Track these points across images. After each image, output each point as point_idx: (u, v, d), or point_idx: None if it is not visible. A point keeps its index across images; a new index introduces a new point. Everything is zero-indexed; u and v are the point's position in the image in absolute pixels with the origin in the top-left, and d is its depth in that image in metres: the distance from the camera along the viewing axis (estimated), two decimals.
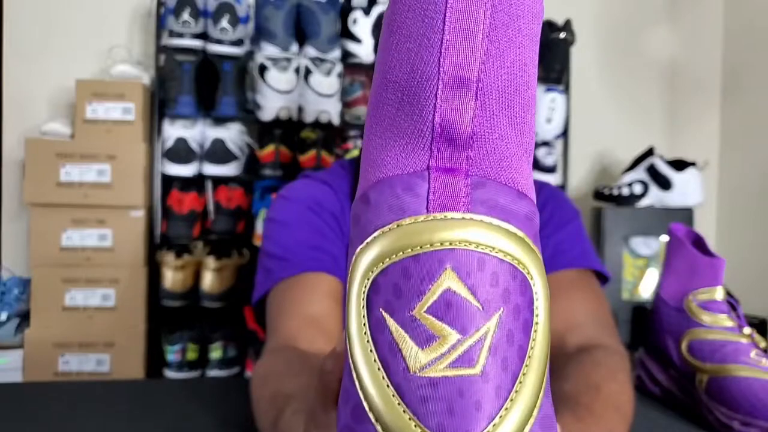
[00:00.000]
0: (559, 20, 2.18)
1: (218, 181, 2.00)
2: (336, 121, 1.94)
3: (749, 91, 2.33)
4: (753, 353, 0.66)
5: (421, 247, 0.20)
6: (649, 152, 2.16)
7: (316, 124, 1.96)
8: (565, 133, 2.20)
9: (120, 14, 2.18)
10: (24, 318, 1.90)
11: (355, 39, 1.98)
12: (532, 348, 0.20)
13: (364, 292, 0.21)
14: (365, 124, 0.24)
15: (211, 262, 1.89)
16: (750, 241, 2.26)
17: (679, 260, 0.72)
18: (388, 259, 0.21)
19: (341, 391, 0.22)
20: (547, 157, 2.17)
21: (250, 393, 0.59)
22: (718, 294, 0.69)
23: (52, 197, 1.83)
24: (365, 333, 0.21)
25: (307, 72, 1.90)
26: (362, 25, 1.97)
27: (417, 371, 0.19)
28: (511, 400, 0.19)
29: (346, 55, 1.99)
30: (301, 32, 1.96)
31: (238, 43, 1.93)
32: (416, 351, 0.20)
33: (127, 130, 1.89)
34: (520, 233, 0.21)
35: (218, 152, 1.93)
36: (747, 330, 0.68)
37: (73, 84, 1.91)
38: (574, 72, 2.26)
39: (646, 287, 2.15)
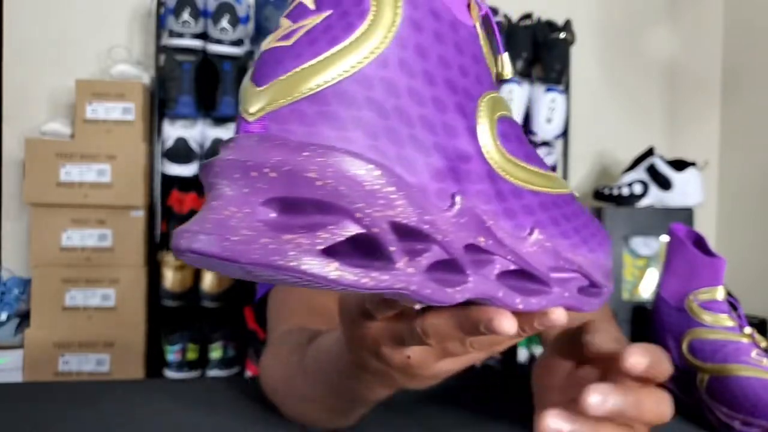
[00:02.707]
0: (559, 20, 2.18)
1: None
2: None
3: (749, 91, 2.33)
4: (754, 353, 0.66)
5: None
6: (649, 152, 2.16)
7: None
8: (565, 133, 2.20)
9: (120, 14, 2.18)
10: (24, 318, 1.90)
11: None
12: (355, 37, 0.23)
13: None
14: None
15: None
16: (750, 241, 2.26)
17: (679, 260, 0.72)
18: None
19: None
20: (547, 157, 2.17)
21: (261, 384, 0.59)
22: (719, 294, 0.69)
23: (52, 197, 1.83)
24: None
25: None
26: None
27: (261, 50, 0.25)
28: (310, 65, 0.23)
29: None
30: None
31: (238, 43, 1.93)
32: (268, 38, 0.25)
33: (127, 130, 1.89)
34: None
35: (218, 152, 1.93)
36: (748, 330, 0.68)
37: (73, 84, 1.91)
38: (574, 72, 2.26)
39: (646, 287, 2.15)
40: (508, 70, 0.28)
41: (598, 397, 0.31)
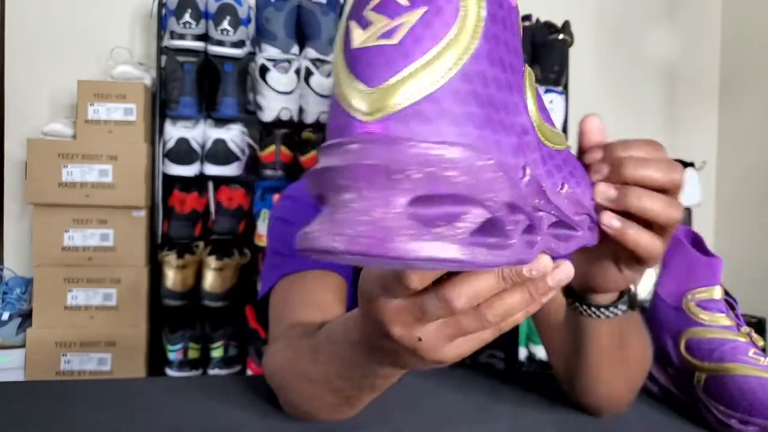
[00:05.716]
0: (558, 22, 2.19)
1: (219, 181, 2.00)
2: None
3: (747, 92, 2.33)
4: (751, 352, 0.66)
5: None
6: None
7: (317, 125, 1.97)
8: (563, 134, 2.21)
9: (121, 15, 2.18)
10: (26, 317, 1.90)
11: None
12: (454, 32, 0.24)
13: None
14: None
15: (212, 261, 1.89)
16: (748, 241, 2.27)
17: (677, 260, 0.73)
18: None
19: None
20: None
21: (267, 377, 0.60)
22: (717, 293, 0.70)
23: (54, 197, 1.83)
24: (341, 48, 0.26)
25: (308, 73, 1.91)
26: None
27: (357, 45, 0.25)
28: (422, 65, 0.24)
29: None
30: (302, 34, 1.97)
31: (239, 44, 1.94)
32: (359, 32, 0.25)
33: (128, 130, 1.90)
34: None
35: (219, 153, 1.93)
36: (745, 329, 0.68)
37: (75, 85, 1.92)
38: (572, 73, 2.27)
39: (645, 287, 2.15)
40: None
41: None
